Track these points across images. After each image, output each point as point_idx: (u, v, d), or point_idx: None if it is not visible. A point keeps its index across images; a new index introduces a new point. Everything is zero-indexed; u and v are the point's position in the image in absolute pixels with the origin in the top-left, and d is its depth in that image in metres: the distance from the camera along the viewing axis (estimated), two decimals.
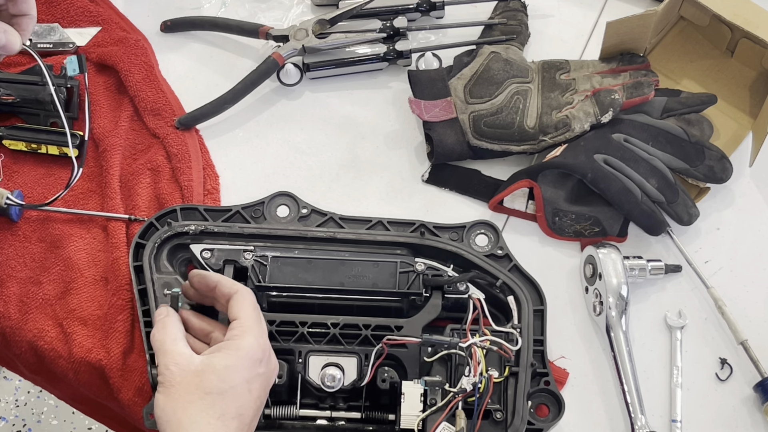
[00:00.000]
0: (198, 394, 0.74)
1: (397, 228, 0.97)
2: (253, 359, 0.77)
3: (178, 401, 0.75)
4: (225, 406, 0.74)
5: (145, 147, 1.07)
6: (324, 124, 1.10)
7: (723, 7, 1.02)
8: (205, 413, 0.74)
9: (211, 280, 0.84)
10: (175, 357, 0.77)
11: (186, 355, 0.78)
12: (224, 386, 0.75)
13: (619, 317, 0.94)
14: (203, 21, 1.16)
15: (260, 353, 0.78)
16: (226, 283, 0.84)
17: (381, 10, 1.12)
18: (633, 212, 0.97)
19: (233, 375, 0.76)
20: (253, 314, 0.81)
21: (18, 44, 0.80)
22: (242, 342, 0.78)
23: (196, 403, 0.74)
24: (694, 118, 1.03)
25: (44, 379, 1.07)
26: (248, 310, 0.81)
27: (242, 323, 0.79)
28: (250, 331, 0.79)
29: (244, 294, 0.82)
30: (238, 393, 0.75)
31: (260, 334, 0.80)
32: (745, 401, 0.94)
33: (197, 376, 0.75)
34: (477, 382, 0.85)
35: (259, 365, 0.78)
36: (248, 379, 0.76)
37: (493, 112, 1.03)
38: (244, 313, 0.80)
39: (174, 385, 0.75)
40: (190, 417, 0.74)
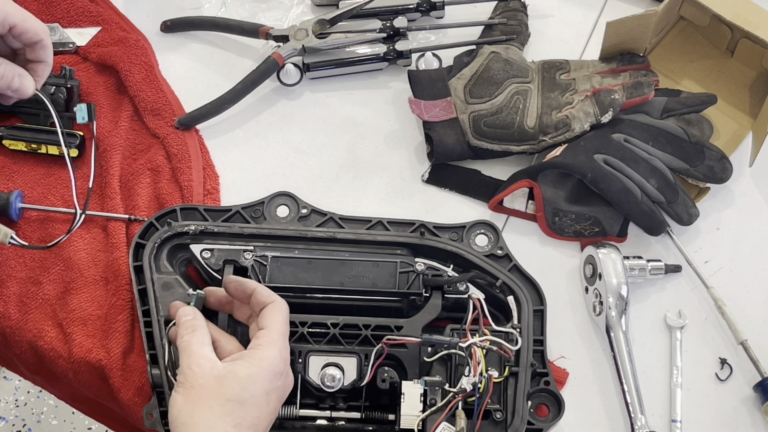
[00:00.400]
0: (218, 399, 0.75)
1: (397, 228, 0.97)
2: (275, 372, 0.78)
3: (197, 404, 0.75)
4: (243, 415, 0.75)
5: (145, 147, 1.07)
6: (324, 124, 1.10)
7: (723, 7, 1.02)
8: (222, 420, 0.74)
9: (248, 287, 0.84)
10: (199, 359, 0.77)
11: (211, 359, 0.78)
12: (245, 395, 0.75)
13: (619, 317, 0.94)
14: (203, 21, 1.16)
15: (282, 366, 0.79)
16: (263, 291, 0.84)
17: (381, 10, 1.12)
18: (633, 212, 0.97)
19: (255, 385, 0.76)
20: (282, 327, 0.81)
21: (31, 89, 0.82)
22: (266, 353, 0.78)
23: (215, 408, 0.74)
24: (694, 118, 1.03)
25: (44, 379, 1.07)
26: (278, 322, 0.81)
27: (270, 334, 0.80)
28: (275, 344, 0.79)
29: (279, 306, 0.83)
30: (258, 403, 0.76)
31: (284, 347, 0.80)
32: (745, 401, 0.94)
33: (219, 381, 0.76)
34: (477, 382, 0.85)
35: (278, 378, 0.78)
36: (268, 391, 0.77)
37: (493, 112, 1.03)
38: (273, 325, 0.81)
39: (195, 387, 0.76)
40: (208, 421, 0.74)
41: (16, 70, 0.81)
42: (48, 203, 1.03)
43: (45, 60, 0.83)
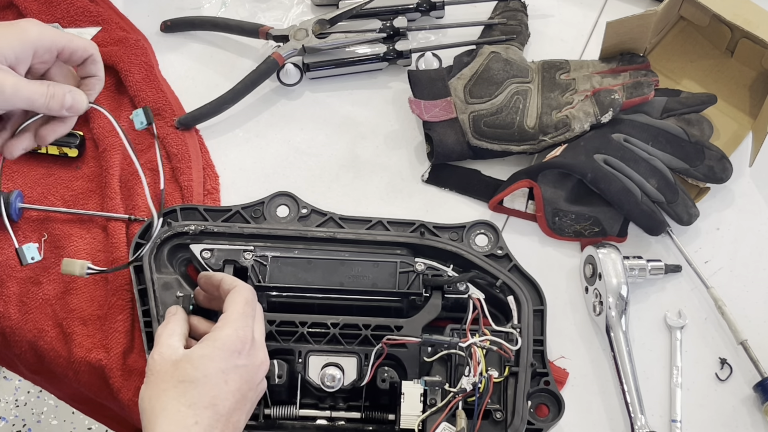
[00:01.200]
0: (172, 382, 0.75)
1: (397, 228, 0.97)
2: (230, 350, 0.77)
3: (153, 389, 0.75)
4: (197, 395, 0.74)
5: (145, 147, 1.07)
6: (324, 124, 1.10)
7: (723, 7, 1.02)
8: (176, 401, 0.74)
9: (215, 279, 0.86)
10: (162, 348, 0.78)
11: (173, 347, 0.78)
12: (197, 374, 0.75)
13: (619, 317, 0.94)
14: (203, 21, 1.16)
15: (239, 344, 0.78)
16: (227, 280, 0.85)
17: (381, 10, 1.12)
18: (633, 212, 0.97)
19: (207, 364, 0.76)
20: (241, 308, 0.81)
21: (84, 104, 0.82)
22: (221, 333, 0.78)
23: (169, 391, 0.74)
24: (694, 118, 1.03)
25: (44, 379, 1.07)
26: (238, 304, 0.81)
27: (227, 316, 0.80)
28: (231, 323, 0.79)
29: (240, 290, 0.83)
30: (213, 383, 0.75)
31: (242, 326, 0.79)
32: (745, 401, 0.94)
33: (174, 365, 0.76)
34: (477, 382, 0.85)
35: (237, 357, 0.77)
36: (224, 370, 0.76)
37: (493, 112, 1.03)
38: (232, 307, 0.81)
39: (153, 373, 0.76)
40: (162, 404, 0.74)
41: (65, 88, 0.81)
42: (48, 203, 1.03)
43: (96, 74, 0.83)
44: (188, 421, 0.73)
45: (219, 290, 0.85)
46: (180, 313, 0.85)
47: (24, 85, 0.78)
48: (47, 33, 0.79)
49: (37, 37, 0.78)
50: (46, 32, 0.79)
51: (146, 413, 0.74)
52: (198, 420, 0.73)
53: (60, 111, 0.80)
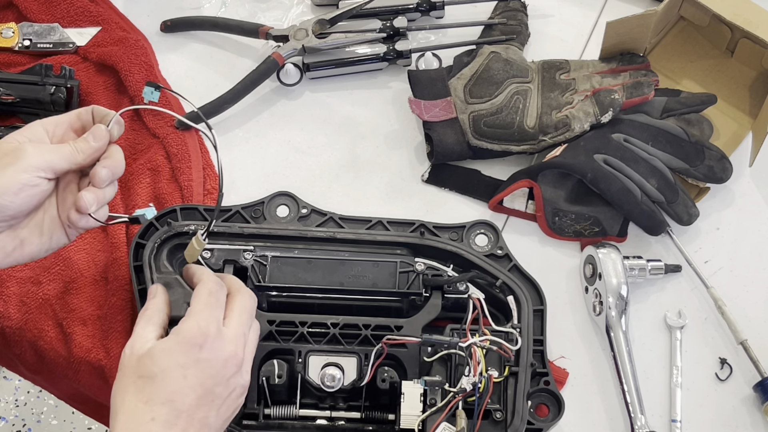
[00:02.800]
0: (132, 377, 0.74)
1: (397, 228, 0.97)
2: (190, 343, 0.75)
3: (118, 385, 0.74)
4: (154, 391, 0.72)
5: (145, 147, 1.07)
6: (324, 124, 1.10)
7: (723, 7, 1.02)
8: (134, 396, 0.72)
9: (190, 271, 0.85)
10: (134, 340, 0.77)
11: (144, 339, 0.76)
12: (155, 369, 0.73)
13: (618, 317, 0.94)
14: (203, 21, 1.16)
15: (200, 337, 0.75)
16: (197, 272, 0.84)
17: (381, 10, 1.12)
18: (633, 212, 0.97)
19: (166, 358, 0.74)
20: (204, 299, 0.78)
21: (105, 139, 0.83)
22: (183, 325, 0.76)
23: (129, 386, 0.73)
24: (694, 118, 1.03)
25: (44, 379, 1.07)
26: (201, 295, 0.79)
27: (191, 308, 0.78)
28: (194, 315, 0.77)
29: (204, 281, 0.81)
30: (170, 377, 0.73)
31: (204, 318, 0.77)
32: (744, 401, 0.94)
33: (138, 360, 0.74)
34: (477, 382, 0.85)
35: (198, 350, 0.75)
36: (182, 364, 0.74)
37: (493, 112, 1.03)
38: (196, 299, 0.79)
39: (121, 368, 0.75)
40: (122, 400, 0.73)
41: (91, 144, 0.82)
42: None
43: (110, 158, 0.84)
44: (144, 417, 0.71)
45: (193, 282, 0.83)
46: (160, 296, 0.83)
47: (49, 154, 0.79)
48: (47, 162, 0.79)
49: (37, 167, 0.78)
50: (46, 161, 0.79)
51: (111, 409, 0.74)
52: (154, 416, 0.71)
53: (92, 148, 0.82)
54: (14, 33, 1.12)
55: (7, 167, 0.77)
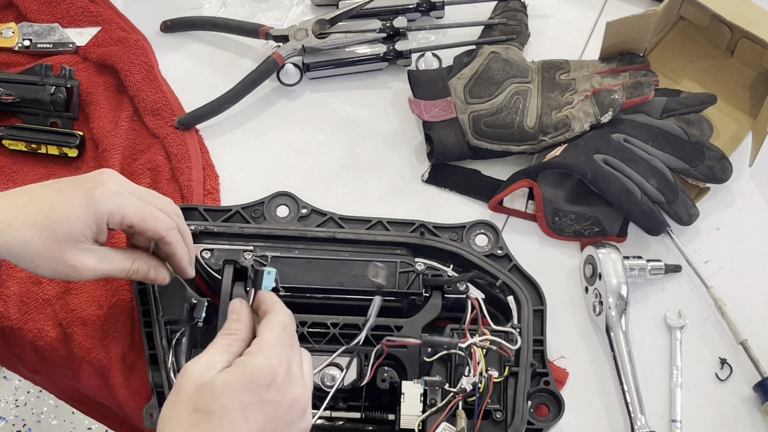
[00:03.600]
0: (188, 408, 0.67)
1: (397, 228, 0.97)
2: (257, 383, 0.67)
3: (172, 411, 0.68)
4: (210, 429, 0.66)
5: (145, 147, 1.07)
6: (324, 124, 1.10)
7: (723, 7, 1.02)
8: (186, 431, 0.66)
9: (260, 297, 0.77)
10: (201, 362, 0.69)
11: (212, 365, 0.69)
12: (215, 406, 0.66)
13: (618, 317, 0.94)
14: (203, 21, 1.16)
15: (269, 377, 0.68)
16: (267, 298, 0.76)
17: (381, 10, 1.12)
18: (633, 212, 0.97)
19: (228, 395, 0.67)
20: (278, 334, 0.72)
21: (167, 279, 0.84)
22: (251, 359, 0.69)
23: (183, 417, 0.66)
24: (694, 118, 1.03)
25: (44, 379, 1.07)
26: (275, 329, 0.72)
27: (261, 341, 0.71)
28: (265, 350, 0.70)
29: (277, 313, 0.74)
30: (230, 417, 0.66)
31: (277, 355, 0.69)
32: (745, 401, 0.94)
33: (197, 389, 0.67)
34: (477, 382, 0.85)
35: (265, 391, 0.67)
36: (246, 404, 0.67)
37: (493, 112, 1.03)
38: (267, 331, 0.72)
39: (177, 390, 0.68)
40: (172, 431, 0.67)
41: (150, 263, 0.82)
42: None
43: (174, 252, 0.82)
44: None
45: (259, 310, 0.76)
46: (244, 319, 0.74)
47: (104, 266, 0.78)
48: (121, 211, 0.77)
49: (110, 212, 0.77)
50: (121, 210, 0.77)
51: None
52: None
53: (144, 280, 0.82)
54: (14, 33, 1.12)
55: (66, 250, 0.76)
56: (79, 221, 0.76)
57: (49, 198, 0.77)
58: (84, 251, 0.77)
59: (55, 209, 0.76)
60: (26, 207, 0.76)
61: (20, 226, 0.75)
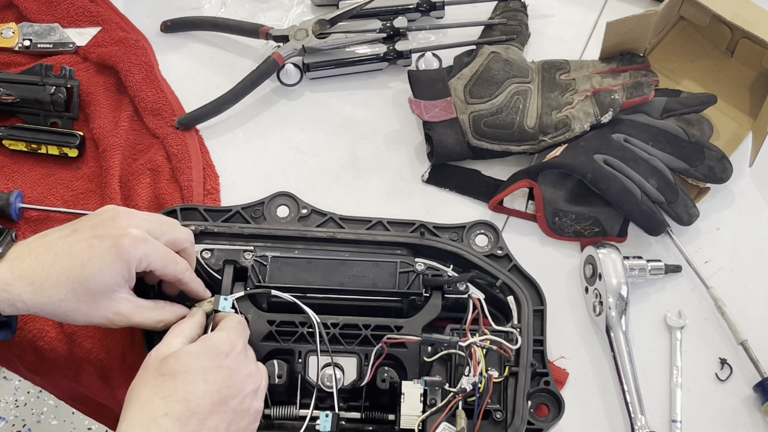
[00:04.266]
0: (153, 374, 0.75)
1: (397, 228, 0.97)
2: (218, 350, 0.77)
3: (137, 382, 0.76)
4: (173, 387, 0.73)
5: (145, 147, 1.07)
6: (324, 124, 1.10)
7: (723, 7, 1.02)
8: (151, 392, 0.74)
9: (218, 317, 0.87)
10: (161, 345, 0.78)
11: (171, 345, 0.78)
12: (178, 368, 0.74)
13: (619, 317, 0.94)
14: (203, 21, 1.16)
15: (228, 346, 0.77)
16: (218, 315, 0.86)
17: (381, 10, 1.12)
18: (633, 212, 0.97)
19: (191, 360, 0.75)
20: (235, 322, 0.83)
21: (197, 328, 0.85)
22: (212, 334, 0.80)
23: (148, 383, 0.75)
24: (694, 118, 1.03)
25: (44, 379, 1.07)
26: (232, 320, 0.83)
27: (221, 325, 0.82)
28: (224, 329, 0.80)
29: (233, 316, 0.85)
30: (191, 378, 0.74)
31: (235, 333, 0.80)
32: (745, 401, 0.94)
33: (161, 360, 0.76)
34: (477, 382, 0.85)
35: (224, 357, 0.76)
36: (205, 368, 0.75)
37: (493, 112, 1.03)
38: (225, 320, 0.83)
39: (143, 367, 0.77)
40: (138, 394, 0.74)
41: (174, 311, 0.84)
42: (48, 203, 1.03)
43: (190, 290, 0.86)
44: (158, 411, 0.72)
45: None
46: (198, 317, 0.84)
47: (137, 316, 0.81)
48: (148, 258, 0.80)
49: (139, 259, 0.79)
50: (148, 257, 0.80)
51: (126, 404, 0.74)
52: (168, 412, 0.72)
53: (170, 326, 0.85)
54: (14, 33, 1.12)
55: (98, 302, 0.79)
56: (113, 274, 0.78)
57: (77, 254, 0.78)
58: (118, 301, 0.80)
59: (86, 265, 0.77)
60: (54, 266, 0.77)
61: (52, 286, 0.77)
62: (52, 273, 0.77)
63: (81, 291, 0.77)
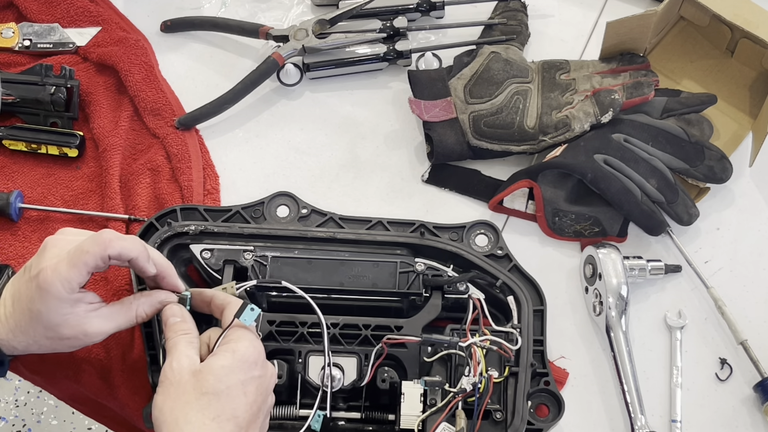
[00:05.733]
0: (194, 394, 0.74)
1: (397, 228, 0.97)
2: (249, 361, 0.77)
3: (176, 401, 0.74)
4: (220, 407, 0.74)
5: (145, 147, 1.07)
6: (324, 124, 1.10)
7: (723, 7, 1.02)
8: (201, 413, 0.73)
9: (206, 295, 0.85)
10: (180, 358, 0.77)
11: (191, 357, 0.78)
12: (221, 386, 0.75)
13: (619, 317, 0.94)
14: (203, 21, 1.16)
15: (256, 355, 0.78)
16: (219, 295, 0.85)
17: (381, 10, 1.12)
18: (633, 212, 0.97)
19: (229, 376, 0.75)
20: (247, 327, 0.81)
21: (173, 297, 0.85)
22: (238, 345, 0.78)
23: (192, 403, 0.74)
24: (694, 118, 1.03)
25: (44, 379, 1.07)
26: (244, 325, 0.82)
27: (237, 332, 0.80)
28: (245, 335, 0.79)
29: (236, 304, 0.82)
30: (234, 394, 0.75)
31: (254, 338, 0.80)
32: (745, 401, 0.94)
33: (195, 376, 0.75)
34: (477, 382, 0.85)
35: (255, 368, 0.78)
36: (243, 381, 0.76)
37: (493, 112, 1.03)
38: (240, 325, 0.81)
39: (173, 384, 0.75)
40: (186, 417, 0.73)
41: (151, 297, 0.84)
42: (48, 203, 1.03)
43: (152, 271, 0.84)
44: None
45: (210, 306, 0.84)
46: (189, 318, 0.83)
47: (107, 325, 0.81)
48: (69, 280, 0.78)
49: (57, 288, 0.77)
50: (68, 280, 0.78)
51: (168, 425, 0.74)
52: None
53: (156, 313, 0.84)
54: (14, 33, 1.12)
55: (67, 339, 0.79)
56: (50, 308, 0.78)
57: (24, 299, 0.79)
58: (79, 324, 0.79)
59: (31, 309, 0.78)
60: (15, 313, 0.79)
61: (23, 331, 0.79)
62: (18, 320, 0.79)
63: (42, 330, 0.79)
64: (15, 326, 0.79)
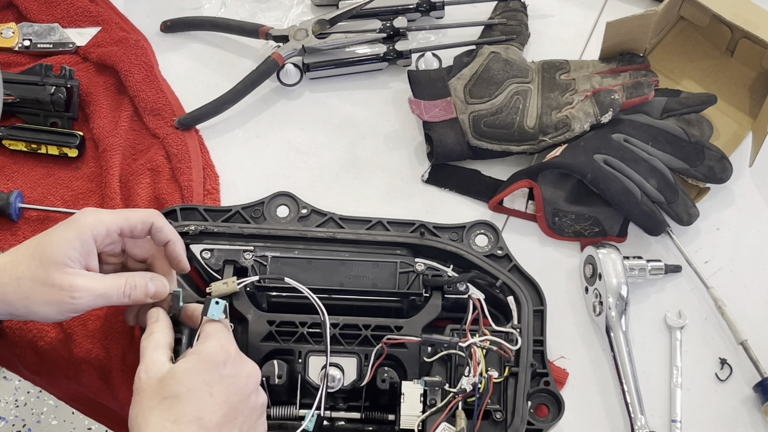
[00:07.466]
0: (156, 399, 0.73)
1: (397, 228, 0.97)
2: (215, 361, 0.75)
3: (141, 407, 0.74)
4: (181, 410, 0.72)
5: (145, 147, 1.07)
6: (324, 124, 1.10)
7: (723, 7, 1.02)
8: (160, 417, 0.72)
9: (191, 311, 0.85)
10: (147, 364, 0.76)
11: (159, 362, 0.77)
12: (181, 389, 0.73)
13: (618, 317, 0.94)
14: (203, 21, 1.16)
15: (223, 354, 0.76)
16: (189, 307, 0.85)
17: (381, 10, 1.12)
18: (633, 212, 0.97)
19: (191, 377, 0.74)
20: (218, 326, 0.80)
21: (167, 289, 0.84)
22: (204, 346, 0.77)
23: (154, 408, 0.73)
24: (694, 118, 1.03)
25: (44, 380, 1.07)
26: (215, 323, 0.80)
27: (206, 330, 0.79)
28: (213, 335, 0.78)
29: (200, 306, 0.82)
30: (197, 396, 0.73)
31: (225, 337, 0.78)
32: (745, 401, 0.94)
33: (159, 382, 0.74)
34: (477, 383, 0.85)
35: (222, 367, 0.75)
36: (208, 381, 0.74)
37: (493, 112, 1.03)
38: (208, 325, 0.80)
39: (140, 392, 0.75)
40: (147, 421, 0.72)
41: (146, 276, 0.83)
42: (48, 203, 1.03)
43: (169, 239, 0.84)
44: None
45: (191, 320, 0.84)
46: (162, 320, 0.82)
47: (97, 285, 0.80)
48: (101, 219, 0.80)
49: (91, 226, 0.79)
50: (100, 219, 0.80)
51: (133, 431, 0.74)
52: None
53: (145, 299, 0.82)
54: (14, 33, 1.13)
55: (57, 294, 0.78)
56: (62, 242, 0.78)
57: (36, 237, 0.81)
58: (74, 274, 0.79)
59: (40, 241, 0.80)
60: (17, 250, 0.80)
61: (12, 265, 0.79)
62: (14, 255, 0.79)
63: (35, 265, 0.78)
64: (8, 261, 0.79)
